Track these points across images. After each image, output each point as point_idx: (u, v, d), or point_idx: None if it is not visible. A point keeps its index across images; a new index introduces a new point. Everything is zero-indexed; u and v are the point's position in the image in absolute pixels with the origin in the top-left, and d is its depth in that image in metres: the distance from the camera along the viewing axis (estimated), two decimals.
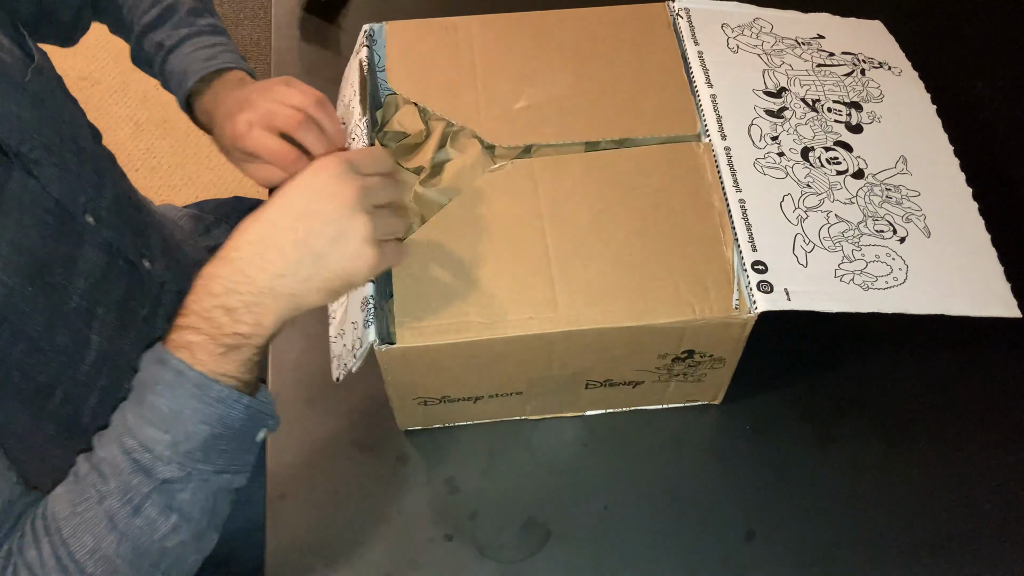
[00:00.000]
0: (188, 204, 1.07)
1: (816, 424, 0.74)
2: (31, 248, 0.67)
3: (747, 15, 0.81)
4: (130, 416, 0.57)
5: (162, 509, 0.57)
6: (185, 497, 0.58)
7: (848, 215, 0.67)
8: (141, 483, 0.56)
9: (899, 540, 0.69)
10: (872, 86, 0.76)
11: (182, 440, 0.57)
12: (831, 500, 0.70)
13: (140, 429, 0.57)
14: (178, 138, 1.94)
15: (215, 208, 1.07)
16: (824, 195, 0.68)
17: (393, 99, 0.78)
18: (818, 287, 0.63)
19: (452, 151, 0.74)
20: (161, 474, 0.56)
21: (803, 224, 0.66)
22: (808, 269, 0.64)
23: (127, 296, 0.78)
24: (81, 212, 0.73)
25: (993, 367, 0.76)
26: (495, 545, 0.69)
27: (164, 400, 0.56)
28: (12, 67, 0.70)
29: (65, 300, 0.71)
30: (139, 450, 0.57)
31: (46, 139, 0.70)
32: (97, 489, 0.57)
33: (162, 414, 0.56)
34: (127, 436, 0.57)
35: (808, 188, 0.68)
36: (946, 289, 0.65)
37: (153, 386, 0.57)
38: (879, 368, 0.76)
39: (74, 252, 0.72)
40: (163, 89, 0.86)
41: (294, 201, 0.57)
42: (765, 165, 0.69)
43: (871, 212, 0.68)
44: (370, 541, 0.70)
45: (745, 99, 0.73)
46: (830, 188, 0.69)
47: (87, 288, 0.73)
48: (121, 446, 0.57)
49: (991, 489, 0.71)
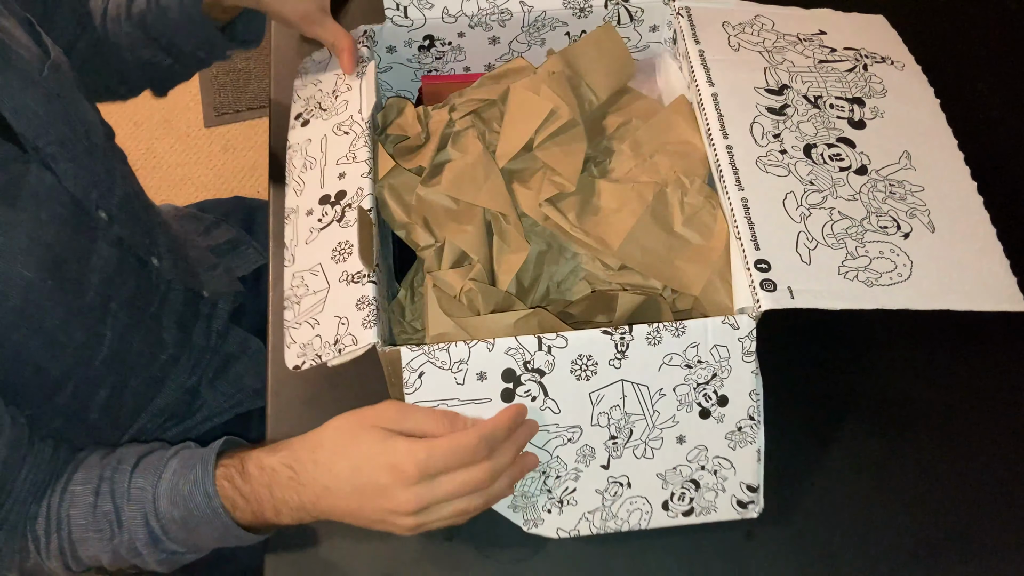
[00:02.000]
0: (188, 204, 1.07)
1: (816, 424, 0.73)
2: (48, 242, 0.68)
3: (748, 12, 0.80)
4: (163, 502, 0.64)
5: (159, 560, 0.66)
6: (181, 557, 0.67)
7: (851, 212, 0.67)
8: (148, 551, 0.65)
9: (899, 540, 0.68)
10: (875, 81, 0.75)
11: (194, 542, 0.66)
12: (831, 500, 0.70)
13: (167, 520, 0.64)
14: (178, 138, 1.94)
15: (215, 208, 1.07)
16: (827, 192, 0.68)
17: (395, 101, 0.78)
18: (822, 285, 0.62)
19: (453, 152, 0.74)
20: (168, 548, 0.65)
21: (806, 221, 0.66)
22: (811, 267, 0.63)
23: (137, 293, 0.80)
24: (94, 208, 0.74)
25: (993, 367, 0.76)
26: (495, 545, 0.69)
27: (193, 520, 0.64)
28: (29, 63, 0.71)
29: (81, 295, 0.72)
30: (158, 531, 0.64)
31: (61, 134, 0.71)
32: (112, 530, 0.65)
33: (187, 526, 0.64)
34: (152, 517, 0.64)
35: (811, 185, 0.68)
36: (951, 284, 0.64)
37: (191, 503, 0.64)
38: (879, 368, 0.76)
39: (89, 247, 0.73)
40: None
41: (362, 470, 0.59)
42: (767, 163, 0.69)
43: (874, 208, 0.67)
44: (370, 541, 0.69)
45: (746, 97, 0.73)
46: (833, 185, 0.68)
47: (101, 283, 0.74)
48: (144, 517, 0.64)
49: (991, 488, 0.70)
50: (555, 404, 0.61)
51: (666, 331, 0.59)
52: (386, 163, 0.72)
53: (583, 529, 0.66)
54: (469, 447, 0.57)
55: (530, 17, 0.80)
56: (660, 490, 0.65)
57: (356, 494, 0.59)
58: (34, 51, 0.72)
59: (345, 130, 0.71)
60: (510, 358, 0.59)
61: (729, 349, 0.61)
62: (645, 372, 0.61)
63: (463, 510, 0.59)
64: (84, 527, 0.65)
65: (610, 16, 0.81)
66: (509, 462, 0.60)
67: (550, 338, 0.59)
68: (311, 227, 0.67)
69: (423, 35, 0.81)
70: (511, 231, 0.70)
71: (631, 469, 0.64)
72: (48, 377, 0.71)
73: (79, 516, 0.65)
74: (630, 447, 0.63)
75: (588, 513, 0.65)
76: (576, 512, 0.65)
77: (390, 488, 0.58)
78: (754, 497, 0.66)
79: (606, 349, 0.60)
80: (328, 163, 0.71)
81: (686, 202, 0.71)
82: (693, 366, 0.61)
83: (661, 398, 0.62)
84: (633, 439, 0.63)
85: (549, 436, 0.62)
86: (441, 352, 0.59)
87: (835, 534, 0.69)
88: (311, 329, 0.63)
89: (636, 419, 0.62)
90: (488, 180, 0.71)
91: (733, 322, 0.60)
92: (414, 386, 0.60)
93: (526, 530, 0.66)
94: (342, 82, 0.76)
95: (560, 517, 0.65)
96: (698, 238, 0.70)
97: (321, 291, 0.65)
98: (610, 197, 0.72)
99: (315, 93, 0.78)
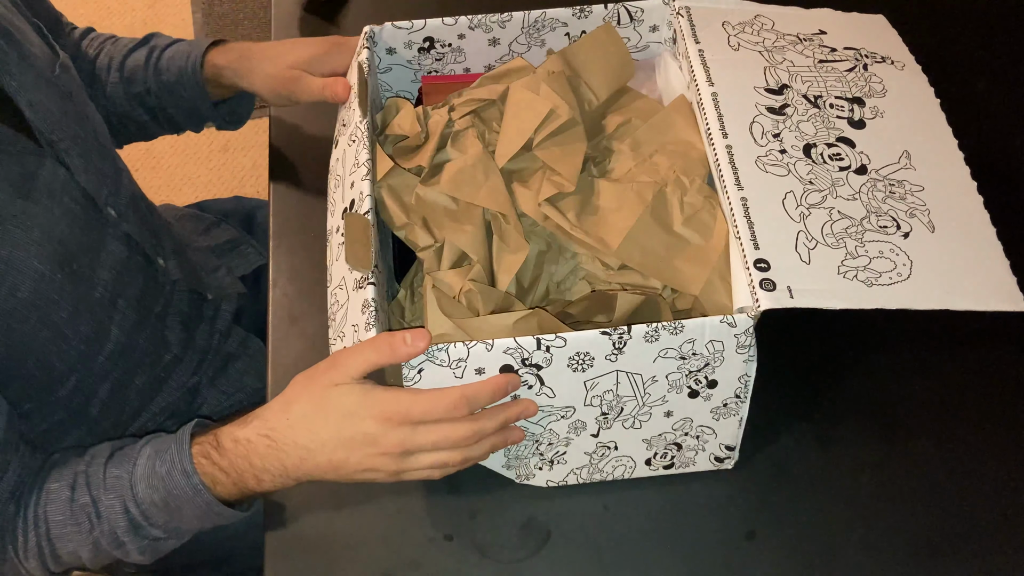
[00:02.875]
0: (188, 204, 1.07)
1: (816, 424, 0.73)
2: (60, 236, 0.69)
3: (748, 12, 0.80)
4: (141, 487, 0.64)
5: (140, 548, 0.66)
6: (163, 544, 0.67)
7: (851, 211, 0.67)
8: (130, 538, 0.65)
9: (899, 540, 0.68)
10: (875, 81, 0.75)
11: (175, 524, 0.65)
12: (831, 500, 0.70)
13: (146, 505, 0.64)
14: (178, 138, 1.93)
15: (215, 208, 1.07)
16: (827, 191, 0.68)
17: (394, 102, 0.78)
18: (821, 284, 0.62)
19: (452, 151, 0.74)
20: (150, 535, 0.65)
21: (806, 221, 0.66)
22: (811, 266, 0.63)
23: (144, 292, 0.80)
24: (104, 205, 0.75)
25: (994, 367, 0.76)
26: (495, 545, 0.69)
27: (174, 500, 0.64)
28: (43, 61, 0.72)
29: (90, 290, 0.73)
30: (139, 517, 0.64)
31: (73, 132, 0.73)
32: (91, 521, 0.64)
33: (168, 507, 0.64)
34: (131, 502, 0.64)
35: (810, 185, 0.68)
36: (951, 284, 0.64)
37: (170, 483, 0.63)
38: (879, 368, 0.76)
39: (99, 243, 0.74)
40: None
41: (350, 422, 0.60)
42: (767, 162, 0.69)
43: (874, 208, 0.67)
44: (370, 541, 0.69)
45: (746, 97, 0.73)
46: (833, 184, 0.68)
47: (110, 279, 0.75)
48: (123, 504, 0.64)
49: (991, 489, 0.70)
50: (551, 391, 0.62)
51: (664, 330, 0.59)
52: (385, 164, 0.72)
53: (570, 480, 0.70)
54: (450, 401, 0.59)
55: (530, 18, 0.80)
56: (644, 451, 0.68)
57: (343, 447, 0.60)
58: (46, 52, 0.74)
59: (353, 139, 0.72)
60: (509, 357, 0.59)
61: (724, 343, 0.61)
62: (640, 362, 0.61)
63: (443, 462, 0.61)
64: (62, 523, 0.64)
65: (610, 16, 0.81)
66: (493, 428, 0.61)
67: (548, 339, 0.59)
68: (339, 243, 0.68)
69: (423, 37, 0.81)
70: (511, 231, 0.70)
71: (619, 437, 0.67)
72: (52, 370, 0.72)
73: (56, 512, 0.64)
74: (620, 421, 0.65)
75: (576, 469, 0.69)
76: (565, 468, 0.69)
77: (378, 435, 0.59)
78: (730, 454, 0.69)
79: (604, 347, 0.60)
80: (345, 177, 0.71)
81: (686, 202, 0.71)
82: (687, 357, 0.61)
83: (654, 383, 0.63)
84: (624, 415, 0.65)
85: (543, 414, 0.64)
86: (440, 352, 0.59)
87: (835, 534, 0.69)
88: (340, 343, 0.65)
89: (628, 399, 0.64)
90: (488, 180, 0.71)
91: (731, 321, 0.60)
92: (413, 380, 0.60)
93: (517, 482, 0.70)
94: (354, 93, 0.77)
95: (550, 472, 0.69)
96: (698, 238, 0.69)
97: (345, 304, 0.66)
98: (610, 197, 0.72)
99: (342, 110, 0.79)
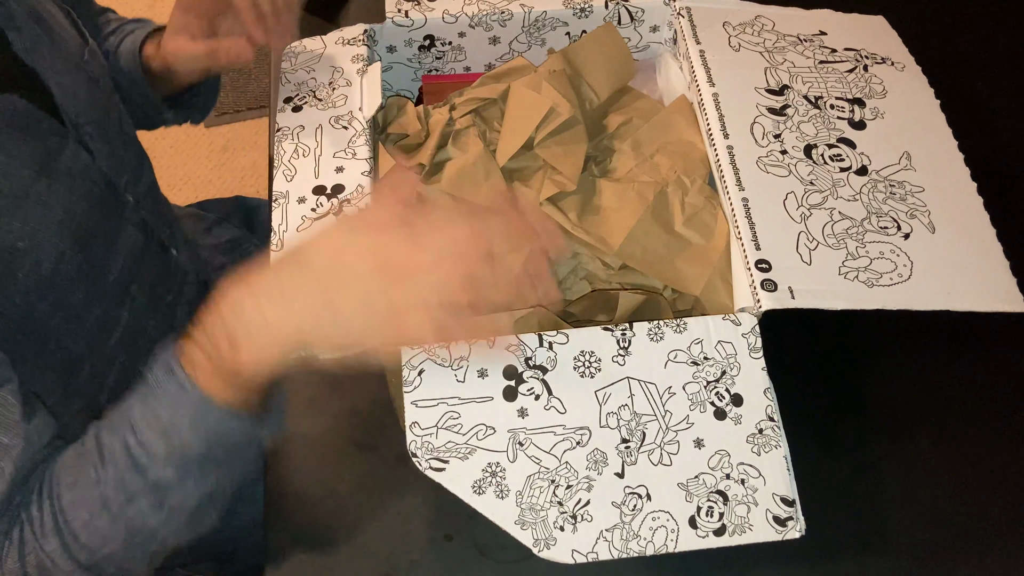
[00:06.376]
0: (188, 204, 1.07)
1: (816, 424, 0.73)
2: (80, 218, 0.69)
3: (748, 13, 0.80)
4: (136, 412, 0.58)
5: (153, 504, 0.58)
6: (177, 496, 0.58)
7: (852, 212, 0.67)
8: (134, 480, 0.57)
9: (899, 540, 0.68)
10: (875, 82, 0.76)
11: (178, 448, 0.57)
12: (831, 500, 0.70)
13: (142, 430, 0.57)
14: (178, 138, 1.94)
15: (216, 208, 1.07)
16: (827, 192, 0.68)
17: (394, 100, 0.78)
18: (822, 285, 0.62)
19: (453, 150, 0.74)
20: (154, 475, 0.57)
21: (806, 222, 0.66)
22: (812, 267, 0.63)
23: (157, 280, 0.81)
24: (123, 191, 0.76)
25: (994, 367, 0.76)
26: (495, 545, 0.69)
27: (165, 410, 0.56)
28: (72, 46, 0.73)
29: (105, 274, 0.73)
30: (138, 449, 0.57)
31: (98, 117, 0.73)
32: (96, 471, 0.58)
33: (161, 423, 0.57)
34: (129, 433, 0.57)
35: (811, 185, 0.68)
36: (951, 285, 0.64)
37: (158, 392, 0.57)
38: (879, 368, 0.76)
39: (117, 228, 0.74)
40: None
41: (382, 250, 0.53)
42: (768, 163, 0.69)
43: (875, 209, 0.67)
44: (370, 541, 0.69)
45: (747, 97, 0.73)
46: (833, 185, 0.68)
47: (125, 265, 0.75)
48: (123, 439, 0.57)
49: (991, 489, 0.70)
50: (560, 403, 0.60)
51: (667, 327, 0.59)
52: (387, 163, 0.72)
53: (602, 551, 0.58)
54: None
55: (530, 17, 0.80)
56: (684, 503, 0.59)
57: (378, 273, 0.52)
58: (75, 37, 0.74)
59: (344, 124, 0.71)
60: (511, 354, 0.59)
61: (735, 345, 0.60)
62: (651, 369, 0.60)
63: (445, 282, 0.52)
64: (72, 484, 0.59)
65: (610, 16, 0.81)
66: None
67: (551, 334, 0.59)
68: (303, 215, 0.67)
69: (423, 35, 0.81)
70: None
71: (649, 478, 0.59)
72: (69, 354, 0.71)
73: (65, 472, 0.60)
74: (644, 451, 0.59)
75: (606, 531, 0.58)
76: (592, 530, 0.58)
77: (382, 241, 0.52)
78: (792, 512, 0.59)
79: (608, 345, 0.59)
80: (324, 154, 0.70)
81: (687, 202, 0.71)
82: (700, 363, 0.60)
83: (671, 397, 0.60)
84: (647, 443, 0.60)
85: (556, 439, 0.60)
86: (441, 349, 0.59)
87: (836, 535, 0.69)
88: None
89: (648, 420, 0.60)
90: (488, 179, 0.71)
91: (735, 319, 0.60)
92: (413, 383, 0.60)
93: (536, 552, 0.58)
94: (340, 76, 0.76)
95: (575, 536, 0.58)
96: (699, 238, 0.70)
97: None
98: (611, 196, 0.72)
99: (307, 80, 0.77)
